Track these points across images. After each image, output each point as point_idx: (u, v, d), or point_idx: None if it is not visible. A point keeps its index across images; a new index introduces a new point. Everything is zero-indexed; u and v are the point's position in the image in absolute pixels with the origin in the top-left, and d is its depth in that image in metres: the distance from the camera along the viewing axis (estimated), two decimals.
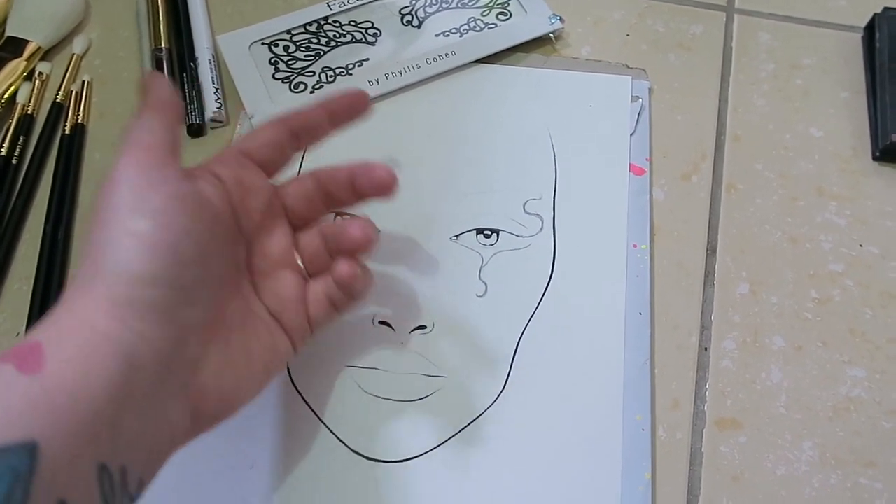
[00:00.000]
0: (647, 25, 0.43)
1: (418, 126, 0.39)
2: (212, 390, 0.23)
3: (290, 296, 0.27)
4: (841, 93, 0.41)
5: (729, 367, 0.33)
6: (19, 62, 0.41)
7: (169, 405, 0.22)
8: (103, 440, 0.19)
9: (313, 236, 0.28)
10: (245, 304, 0.26)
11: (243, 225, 0.26)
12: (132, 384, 0.20)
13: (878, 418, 0.32)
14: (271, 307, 0.26)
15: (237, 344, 0.25)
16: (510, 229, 0.36)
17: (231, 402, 0.24)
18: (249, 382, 0.25)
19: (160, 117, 0.24)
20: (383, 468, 0.30)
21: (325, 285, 0.27)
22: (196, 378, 0.23)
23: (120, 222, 0.21)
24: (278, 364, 0.26)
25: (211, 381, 0.23)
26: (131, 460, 0.20)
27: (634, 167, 0.38)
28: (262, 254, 0.27)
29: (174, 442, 0.23)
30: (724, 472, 0.31)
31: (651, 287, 0.35)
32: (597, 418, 0.31)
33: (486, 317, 0.33)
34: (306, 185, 0.29)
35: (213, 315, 0.24)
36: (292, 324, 0.27)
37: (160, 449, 0.22)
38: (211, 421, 0.24)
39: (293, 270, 0.27)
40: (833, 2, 0.44)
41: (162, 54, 0.41)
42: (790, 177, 0.38)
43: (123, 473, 0.20)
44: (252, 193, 0.26)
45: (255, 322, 0.26)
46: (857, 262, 0.36)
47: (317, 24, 0.42)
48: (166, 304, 0.21)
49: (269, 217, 0.27)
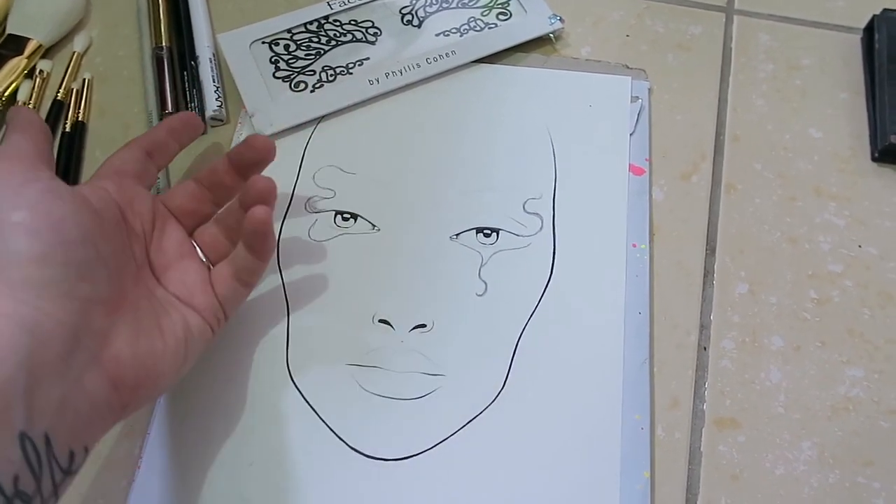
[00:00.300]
0: (647, 26, 0.44)
1: (418, 125, 0.39)
2: (127, 359, 0.25)
3: (195, 280, 0.30)
4: (840, 93, 0.41)
5: (728, 367, 0.33)
6: (20, 60, 0.41)
7: (84, 373, 0.23)
8: (19, 409, 0.21)
9: (210, 227, 0.32)
10: (149, 291, 0.28)
11: (136, 226, 0.29)
12: (41, 355, 0.22)
13: (877, 418, 0.32)
14: (179, 294, 0.29)
15: (147, 321, 0.27)
16: (510, 228, 0.36)
17: (150, 372, 0.26)
18: (167, 356, 0.27)
19: (26, 136, 0.27)
20: (382, 466, 0.30)
21: (228, 266, 0.30)
22: (107, 348, 0.25)
23: (2, 219, 0.23)
24: (197, 341, 0.28)
25: (125, 350, 0.25)
26: (54, 428, 0.22)
27: (634, 167, 0.38)
28: (158, 250, 0.30)
29: (100, 412, 0.24)
30: (722, 472, 0.31)
31: (650, 286, 0.35)
32: (596, 417, 0.31)
33: (485, 316, 0.34)
34: (189, 187, 0.32)
35: (115, 293, 0.26)
36: (203, 305, 0.29)
37: (86, 419, 0.23)
38: (134, 390, 0.25)
39: (194, 260, 0.31)
40: (832, 3, 0.45)
41: (163, 52, 0.41)
42: (789, 177, 0.38)
43: (47, 442, 0.22)
44: (136, 199, 0.30)
45: (163, 305, 0.28)
46: (856, 263, 0.36)
47: (317, 23, 0.42)
48: (59, 279, 0.23)
49: (158, 219, 0.30)
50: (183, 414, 0.31)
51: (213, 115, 0.39)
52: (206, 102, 0.39)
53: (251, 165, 0.32)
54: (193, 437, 0.31)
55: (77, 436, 0.23)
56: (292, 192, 0.37)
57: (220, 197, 0.33)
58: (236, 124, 0.39)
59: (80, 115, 0.40)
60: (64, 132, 0.39)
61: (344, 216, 0.36)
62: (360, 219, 0.36)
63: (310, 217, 0.36)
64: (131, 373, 0.25)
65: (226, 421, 0.31)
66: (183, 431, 0.31)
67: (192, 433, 0.31)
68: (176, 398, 0.32)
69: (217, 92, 0.39)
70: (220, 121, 0.39)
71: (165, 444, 0.31)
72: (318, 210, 0.36)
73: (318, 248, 0.35)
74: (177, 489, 0.30)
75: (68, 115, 0.40)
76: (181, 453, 0.30)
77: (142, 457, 0.30)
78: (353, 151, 0.38)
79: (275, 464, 0.30)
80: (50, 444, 0.22)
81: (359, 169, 0.37)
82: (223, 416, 0.31)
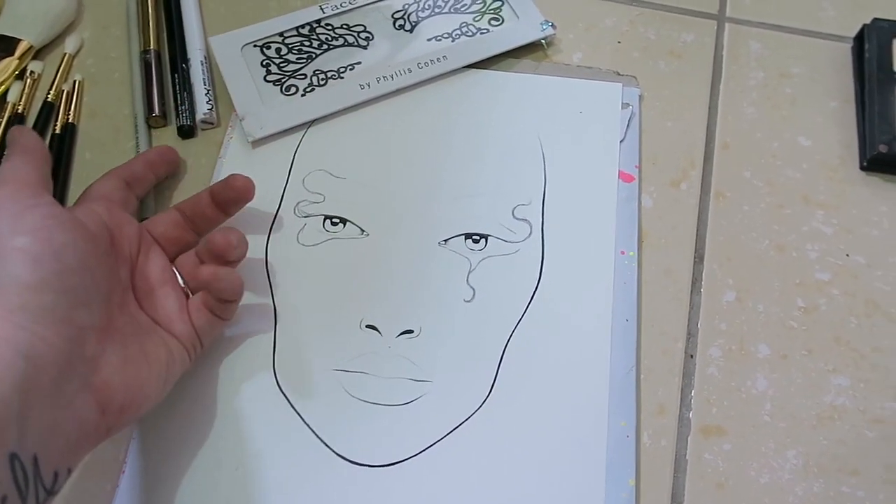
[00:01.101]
0: (639, 33, 0.44)
1: (409, 130, 0.39)
2: (116, 384, 0.25)
3: (174, 308, 0.30)
4: (829, 102, 0.41)
5: (714, 375, 0.33)
6: (10, 61, 0.41)
7: (76, 398, 0.24)
8: (12, 431, 0.21)
9: (190, 256, 0.32)
10: (133, 316, 0.29)
11: (123, 250, 0.30)
12: (36, 379, 0.22)
13: (862, 427, 0.32)
14: (160, 319, 0.29)
15: (133, 347, 0.27)
16: (499, 234, 0.36)
17: (136, 397, 0.26)
18: (151, 380, 0.27)
19: (28, 160, 0.28)
20: (368, 472, 0.30)
21: (204, 297, 0.30)
22: (98, 374, 0.25)
23: (3, 244, 0.24)
24: (177, 366, 0.29)
25: (114, 376, 0.25)
26: (43, 451, 0.22)
27: (623, 174, 0.38)
28: (142, 276, 0.30)
29: (87, 435, 0.24)
30: (708, 480, 0.31)
31: (638, 294, 0.35)
32: (582, 424, 0.31)
33: (473, 322, 0.34)
34: (172, 216, 0.33)
35: (105, 319, 0.26)
36: (181, 332, 0.29)
37: (73, 442, 0.24)
38: (119, 413, 0.26)
39: (174, 287, 0.31)
40: (822, 12, 0.45)
41: (150, 56, 0.41)
42: (778, 185, 0.38)
43: (35, 464, 0.22)
44: (124, 223, 0.30)
45: (146, 330, 0.29)
46: (844, 272, 0.36)
47: (309, 26, 0.42)
48: (57, 306, 0.24)
49: (143, 245, 0.31)
50: (167, 418, 0.31)
51: (203, 118, 0.39)
52: (196, 105, 0.39)
53: (230, 202, 0.33)
54: (178, 441, 0.31)
55: (63, 458, 0.23)
56: (282, 196, 0.37)
57: (201, 226, 0.33)
58: (227, 127, 0.39)
59: (70, 116, 0.39)
60: (54, 134, 0.39)
61: (333, 221, 0.36)
62: (349, 223, 0.36)
63: (299, 221, 0.36)
64: (119, 397, 0.25)
65: (211, 426, 0.31)
66: (167, 436, 0.31)
67: (177, 437, 0.31)
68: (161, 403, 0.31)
69: (208, 95, 0.39)
70: (211, 124, 0.39)
71: (150, 449, 0.31)
72: (307, 214, 0.36)
73: (306, 252, 0.35)
74: (161, 494, 0.30)
75: (58, 116, 0.39)
76: (166, 458, 0.30)
77: (126, 461, 0.30)
78: (343, 156, 0.38)
79: (260, 469, 0.30)
80: (38, 465, 0.22)
81: (349, 173, 0.37)
82: (208, 420, 0.31)
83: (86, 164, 0.39)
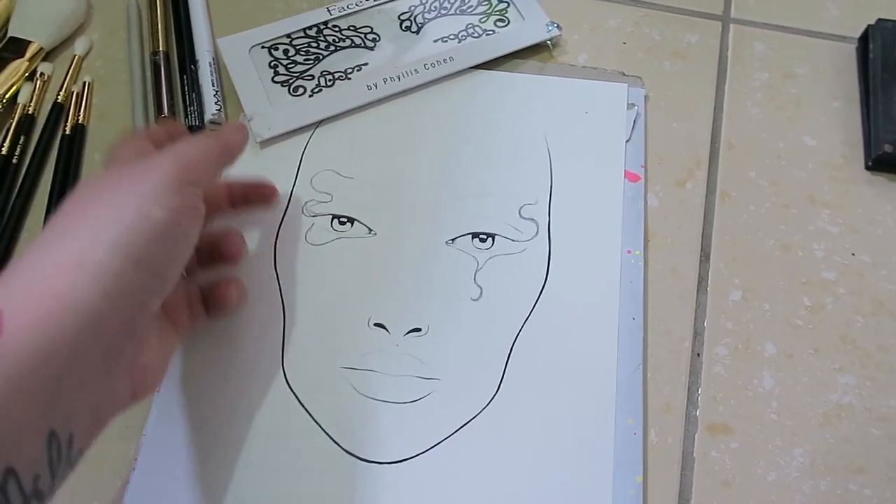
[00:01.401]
0: (644, 33, 0.44)
1: (416, 131, 0.39)
2: (153, 368, 0.26)
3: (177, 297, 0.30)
4: (833, 102, 0.41)
5: (721, 373, 0.33)
6: (21, 62, 0.41)
7: (120, 379, 0.24)
8: (58, 408, 0.20)
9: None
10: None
11: None
12: (89, 351, 0.21)
13: (868, 425, 0.32)
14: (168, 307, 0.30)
15: (164, 331, 0.28)
16: (506, 234, 0.36)
17: (153, 381, 0.27)
18: (166, 365, 0.28)
19: (213, 149, 0.28)
20: (377, 469, 0.30)
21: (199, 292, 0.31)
22: (141, 356, 0.25)
23: (140, 206, 0.24)
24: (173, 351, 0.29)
25: (153, 361, 0.26)
26: (78, 428, 0.22)
27: (629, 174, 0.38)
28: None
29: (112, 415, 0.24)
30: (715, 477, 0.31)
31: (644, 292, 0.35)
32: (589, 422, 0.31)
33: (480, 320, 0.34)
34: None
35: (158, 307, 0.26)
36: (178, 320, 0.30)
37: (102, 422, 0.24)
38: (140, 396, 0.26)
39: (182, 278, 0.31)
40: (827, 12, 0.45)
41: (159, 58, 0.41)
42: (783, 185, 0.39)
43: (70, 441, 0.21)
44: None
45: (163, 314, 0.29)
46: (849, 271, 0.36)
47: (316, 28, 0.42)
48: (142, 287, 0.24)
49: None
50: (178, 415, 0.31)
51: (211, 119, 0.39)
52: (205, 106, 0.39)
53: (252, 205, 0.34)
54: (188, 438, 0.31)
55: (91, 436, 0.23)
56: (290, 196, 0.37)
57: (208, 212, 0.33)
58: None
59: (80, 117, 0.40)
60: (64, 135, 0.39)
61: (341, 220, 0.36)
62: (357, 223, 0.36)
63: (307, 220, 0.36)
64: (149, 380, 0.26)
65: (221, 423, 0.31)
66: (178, 433, 0.31)
67: (188, 435, 0.31)
68: (172, 400, 0.32)
69: (216, 96, 0.40)
70: (219, 124, 0.40)
71: (160, 446, 0.31)
72: (315, 214, 0.36)
73: (314, 251, 0.35)
74: (171, 491, 0.30)
75: (68, 117, 0.40)
76: (176, 455, 0.31)
77: (136, 458, 0.30)
78: (350, 156, 0.38)
79: (270, 466, 0.30)
80: (72, 444, 0.22)
81: (356, 173, 0.38)
82: (218, 418, 0.31)
83: (95, 165, 0.39)
